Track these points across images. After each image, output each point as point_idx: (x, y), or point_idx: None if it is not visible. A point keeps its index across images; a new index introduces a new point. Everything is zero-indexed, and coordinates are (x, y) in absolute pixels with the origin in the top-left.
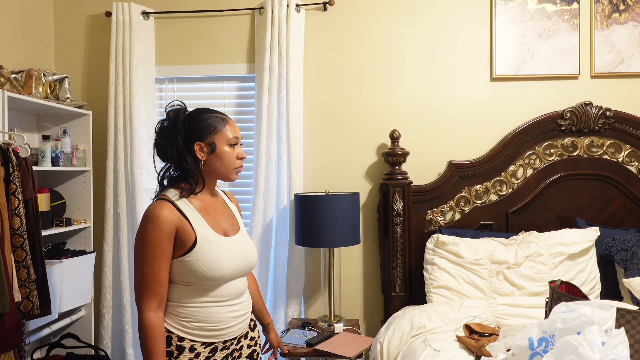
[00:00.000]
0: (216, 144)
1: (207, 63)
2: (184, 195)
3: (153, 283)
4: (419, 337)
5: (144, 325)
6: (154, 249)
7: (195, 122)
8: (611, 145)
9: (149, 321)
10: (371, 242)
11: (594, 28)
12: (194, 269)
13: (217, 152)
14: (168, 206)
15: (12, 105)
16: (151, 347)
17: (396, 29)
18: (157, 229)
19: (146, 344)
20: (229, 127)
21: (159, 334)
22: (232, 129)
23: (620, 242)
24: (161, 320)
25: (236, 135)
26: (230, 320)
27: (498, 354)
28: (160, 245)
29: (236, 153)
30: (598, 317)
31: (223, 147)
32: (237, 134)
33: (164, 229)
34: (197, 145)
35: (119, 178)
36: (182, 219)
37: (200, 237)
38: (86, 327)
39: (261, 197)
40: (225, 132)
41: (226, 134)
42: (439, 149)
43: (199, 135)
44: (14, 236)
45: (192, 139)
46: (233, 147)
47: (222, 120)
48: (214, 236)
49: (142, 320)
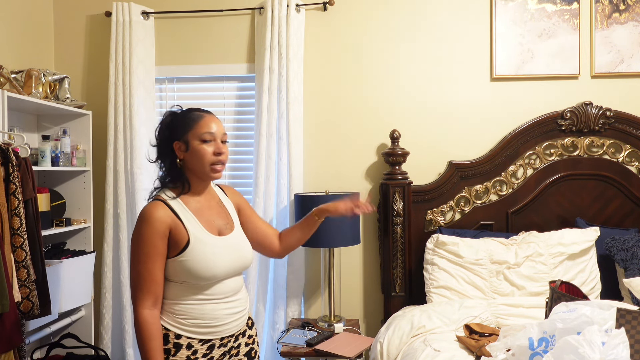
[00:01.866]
0: (189, 141)
1: (207, 63)
2: (175, 196)
3: (147, 281)
4: (419, 337)
5: (140, 322)
6: (148, 248)
7: (176, 122)
8: (611, 145)
9: (144, 318)
10: (371, 242)
11: (594, 28)
12: (187, 268)
13: (190, 149)
14: (162, 207)
15: (12, 105)
16: (147, 344)
17: (396, 29)
18: (150, 229)
19: (142, 341)
20: (202, 123)
21: (155, 331)
22: (207, 124)
23: (620, 242)
24: (157, 318)
25: (209, 131)
26: (226, 317)
27: (498, 354)
28: (154, 244)
29: (212, 149)
30: (598, 317)
31: (195, 143)
32: (210, 129)
33: (158, 229)
34: (176, 144)
35: (119, 178)
36: (175, 220)
37: (193, 237)
38: (86, 327)
39: (261, 197)
40: (197, 128)
41: (198, 130)
42: (439, 149)
43: (177, 134)
44: (14, 236)
45: (173, 138)
46: (208, 142)
47: (198, 117)
48: (207, 236)
49: (138, 318)
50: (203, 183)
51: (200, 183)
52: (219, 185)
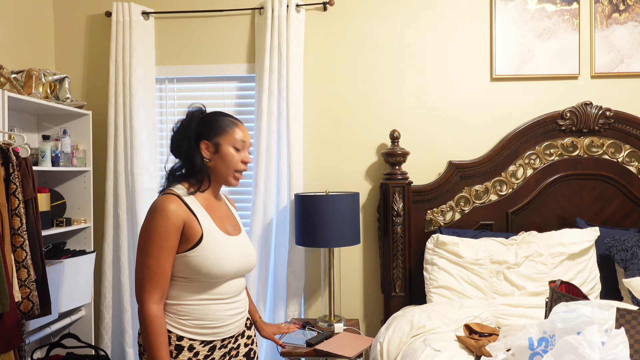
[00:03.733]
0: (221, 144)
1: (207, 63)
2: (191, 192)
3: (158, 275)
4: (419, 337)
5: (147, 317)
6: (162, 241)
7: (207, 122)
8: (611, 145)
9: (152, 313)
10: (371, 242)
11: (594, 28)
12: (198, 265)
13: (220, 153)
14: (176, 200)
15: (12, 105)
16: (155, 339)
17: (396, 29)
18: (165, 222)
19: (150, 336)
20: (237, 130)
21: (162, 326)
22: (241, 133)
23: (620, 242)
24: (163, 313)
25: (243, 140)
26: (228, 318)
27: (498, 354)
28: (167, 238)
29: (241, 157)
30: (598, 317)
31: (227, 148)
32: (245, 139)
33: (173, 222)
34: (204, 143)
35: (119, 178)
36: (189, 214)
37: (206, 233)
38: (86, 327)
39: (261, 197)
40: (232, 134)
41: (233, 136)
42: (439, 149)
43: (207, 134)
44: (14, 236)
45: (201, 137)
46: (238, 151)
47: (231, 124)
48: (219, 234)
49: (145, 312)
50: (218, 186)
51: (216, 186)
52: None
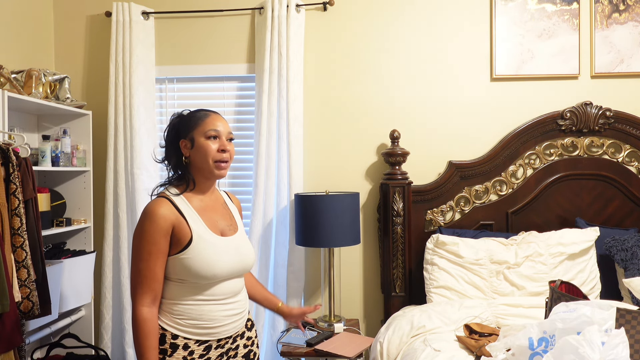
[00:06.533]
0: (195, 138)
1: (207, 63)
2: (180, 192)
3: (148, 279)
4: (419, 337)
5: (137, 319)
6: (150, 245)
7: (183, 121)
8: (611, 145)
9: (142, 315)
10: (371, 242)
11: (594, 28)
12: (188, 267)
13: (195, 146)
14: (166, 203)
15: (12, 105)
16: (143, 342)
17: (396, 29)
18: (153, 226)
19: (138, 338)
20: (208, 120)
21: (152, 329)
22: (212, 122)
23: (620, 242)
24: (154, 316)
25: (215, 128)
26: (224, 318)
27: (498, 354)
28: (156, 241)
29: (217, 146)
30: (598, 317)
31: (200, 140)
32: (216, 127)
33: (161, 226)
34: (182, 142)
35: (119, 178)
36: (179, 217)
37: (196, 235)
38: (86, 327)
39: (261, 197)
40: (202, 125)
41: (204, 127)
42: (439, 148)
43: (183, 133)
44: (14, 236)
45: (179, 138)
46: (213, 139)
47: (204, 116)
48: (210, 235)
49: (136, 315)
50: (208, 182)
51: (205, 182)
52: (225, 191)
